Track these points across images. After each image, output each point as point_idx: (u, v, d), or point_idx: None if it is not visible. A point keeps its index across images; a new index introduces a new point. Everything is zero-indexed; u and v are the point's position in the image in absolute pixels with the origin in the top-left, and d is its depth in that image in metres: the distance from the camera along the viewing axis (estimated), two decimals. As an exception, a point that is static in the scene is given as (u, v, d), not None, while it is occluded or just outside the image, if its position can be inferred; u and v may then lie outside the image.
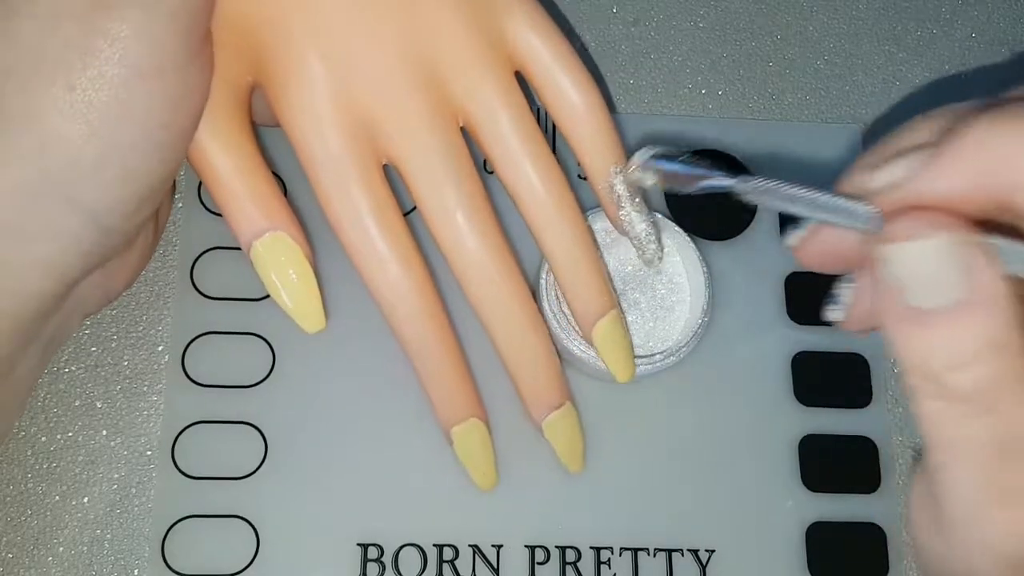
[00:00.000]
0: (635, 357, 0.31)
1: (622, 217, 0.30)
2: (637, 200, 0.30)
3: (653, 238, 0.31)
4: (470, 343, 0.30)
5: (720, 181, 0.28)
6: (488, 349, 0.30)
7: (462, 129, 0.29)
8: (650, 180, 0.29)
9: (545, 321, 0.31)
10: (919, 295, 0.19)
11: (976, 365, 0.19)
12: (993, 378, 0.19)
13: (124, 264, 0.29)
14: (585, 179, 0.35)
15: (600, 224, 0.32)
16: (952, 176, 0.20)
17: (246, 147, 0.28)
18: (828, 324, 0.34)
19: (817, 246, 0.24)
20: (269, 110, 0.28)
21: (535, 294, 0.32)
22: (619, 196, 0.30)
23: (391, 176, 0.28)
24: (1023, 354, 0.19)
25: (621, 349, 0.30)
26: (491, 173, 0.34)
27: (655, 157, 0.29)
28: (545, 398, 0.30)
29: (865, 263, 0.24)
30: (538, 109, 0.30)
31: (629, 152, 0.29)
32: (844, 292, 0.26)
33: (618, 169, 0.29)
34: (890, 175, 0.21)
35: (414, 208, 0.28)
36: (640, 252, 0.31)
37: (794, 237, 0.26)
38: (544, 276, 0.31)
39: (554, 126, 0.30)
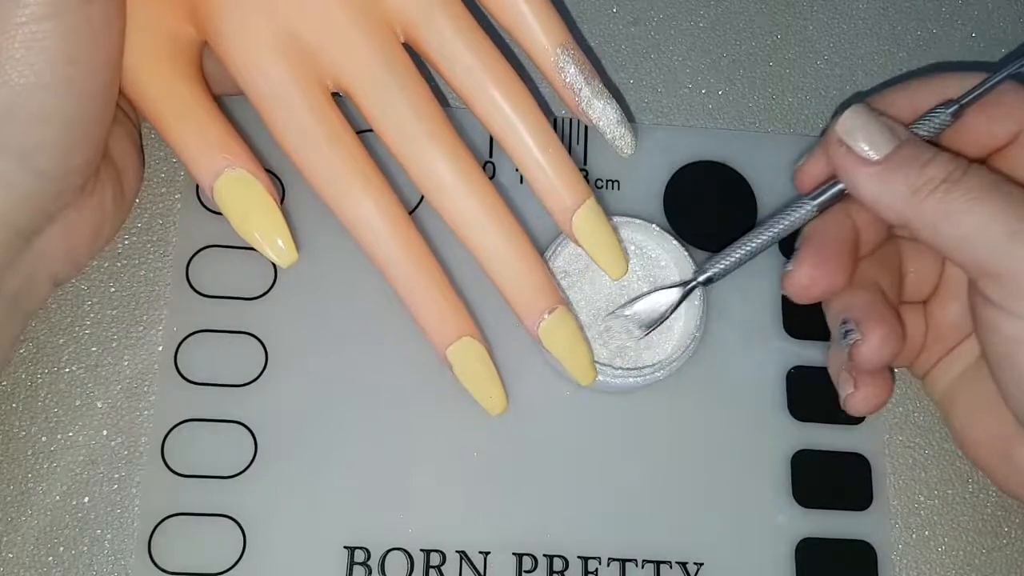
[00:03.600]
0: (628, 370, 0.31)
1: (582, 105, 0.28)
2: (596, 83, 0.28)
3: (620, 120, 0.29)
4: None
5: (697, 280, 0.31)
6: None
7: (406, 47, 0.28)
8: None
9: None
10: (869, 149, 0.27)
11: (936, 157, 0.27)
12: (951, 158, 0.27)
13: (84, 224, 0.30)
14: (602, 187, 0.35)
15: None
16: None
17: (193, 91, 0.28)
18: (824, 339, 0.34)
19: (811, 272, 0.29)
20: (221, 64, 0.28)
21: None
22: (571, 81, 0.28)
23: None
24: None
25: (605, 239, 0.29)
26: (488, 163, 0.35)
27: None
28: (536, 303, 0.29)
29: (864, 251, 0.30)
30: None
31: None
32: (851, 333, 0.30)
33: (566, 49, 0.28)
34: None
35: (420, 201, 0.28)
36: (611, 140, 0.29)
37: (791, 263, 0.29)
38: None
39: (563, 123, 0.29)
